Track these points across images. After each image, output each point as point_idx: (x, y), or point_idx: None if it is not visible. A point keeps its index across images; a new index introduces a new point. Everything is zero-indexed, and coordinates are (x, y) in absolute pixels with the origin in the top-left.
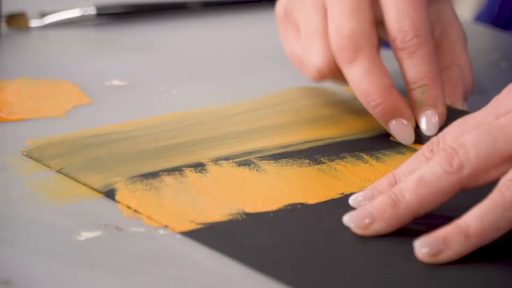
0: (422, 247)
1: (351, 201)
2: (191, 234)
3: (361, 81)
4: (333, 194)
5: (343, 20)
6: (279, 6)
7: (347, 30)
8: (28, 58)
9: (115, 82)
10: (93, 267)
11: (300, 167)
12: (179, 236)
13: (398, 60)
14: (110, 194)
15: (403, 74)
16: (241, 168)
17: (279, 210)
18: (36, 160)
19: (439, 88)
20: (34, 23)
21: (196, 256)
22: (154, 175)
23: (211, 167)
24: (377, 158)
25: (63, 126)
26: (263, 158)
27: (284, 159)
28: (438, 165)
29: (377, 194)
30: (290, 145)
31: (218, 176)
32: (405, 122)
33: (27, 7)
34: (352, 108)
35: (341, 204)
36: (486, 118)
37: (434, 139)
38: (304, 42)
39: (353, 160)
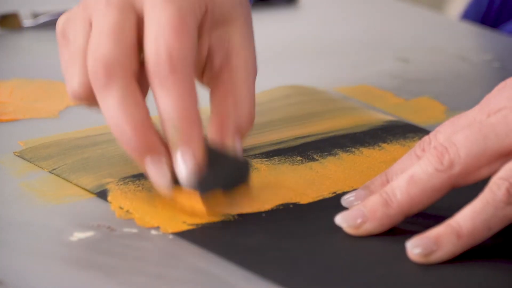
0: (414, 247)
1: (344, 201)
2: (184, 235)
3: (113, 112)
4: (325, 193)
5: (100, 41)
6: (58, 24)
7: (102, 52)
8: (21, 59)
9: None
10: (86, 268)
11: (292, 164)
12: (171, 236)
13: (151, 87)
14: (102, 195)
15: (156, 106)
16: None
17: (272, 210)
18: (29, 160)
19: (192, 124)
20: (26, 23)
21: (189, 256)
22: (146, 176)
23: None
24: (370, 152)
25: (55, 127)
26: (255, 156)
27: (276, 157)
28: (429, 163)
29: (369, 194)
30: (282, 142)
31: None
32: (160, 160)
33: (20, 7)
34: (344, 105)
35: (333, 204)
36: (477, 116)
37: (426, 138)
38: (67, 62)
39: (346, 155)
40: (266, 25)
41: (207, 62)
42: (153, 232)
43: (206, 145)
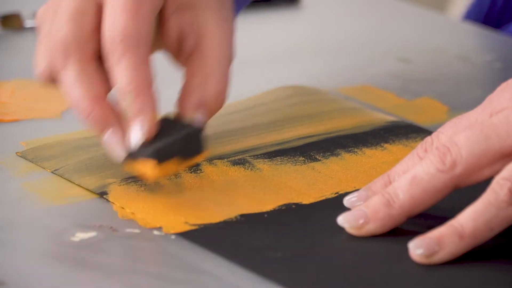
0: (417, 248)
1: (346, 202)
2: (186, 235)
3: (71, 88)
4: (328, 193)
5: (60, 25)
6: (37, 15)
7: (60, 35)
8: (23, 59)
9: None
10: (88, 268)
11: (295, 165)
12: (173, 237)
13: (108, 66)
14: (104, 195)
15: (114, 83)
16: (236, 167)
17: (274, 210)
18: (31, 161)
19: (145, 97)
20: (28, 23)
21: (191, 257)
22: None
23: (205, 167)
24: (372, 153)
25: (57, 127)
26: (257, 156)
27: (278, 157)
28: (431, 164)
29: (371, 195)
30: (285, 142)
31: (212, 177)
32: (116, 133)
33: (22, 7)
34: (346, 105)
35: (336, 204)
36: (479, 117)
37: (428, 138)
38: (36, 48)
39: (348, 155)
40: (268, 25)
41: (179, 44)
42: (155, 232)
43: (164, 117)
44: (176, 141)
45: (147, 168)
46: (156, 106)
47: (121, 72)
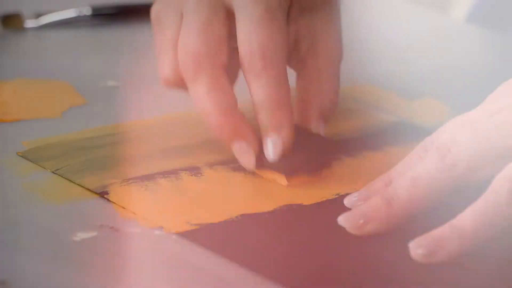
0: (417, 247)
1: (346, 201)
2: (187, 235)
3: (202, 100)
4: (328, 194)
5: (190, 36)
6: (152, 11)
7: (192, 47)
8: (24, 59)
9: (110, 83)
10: (89, 268)
11: None
12: (174, 236)
13: (247, 82)
14: (105, 195)
15: (250, 96)
16: (236, 173)
17: (275, 210)
18: (32, 161)
19: (284, 111)
20: (29, 23)
21: (192, 256)
22: (149, 177)
23: (206, 171)
24: (373, 154)
25: (58, 127)
26: None
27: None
28: (431, 164)
29: (372, 195)
30: None
31: (213, 180)
32: (246, 145)
33: (23, 7)
34: (347, 106)
35: (336, 204)
36: (479, 116)
37: (428, 138)
38: (160, 49)
39: (347, 159)
40: None
41: (294, 47)
42: (156, 232)
43: (294, 129)
44: (305, 153)
45: (277, 180)
46: (293, 121)
47: (259, 88)
